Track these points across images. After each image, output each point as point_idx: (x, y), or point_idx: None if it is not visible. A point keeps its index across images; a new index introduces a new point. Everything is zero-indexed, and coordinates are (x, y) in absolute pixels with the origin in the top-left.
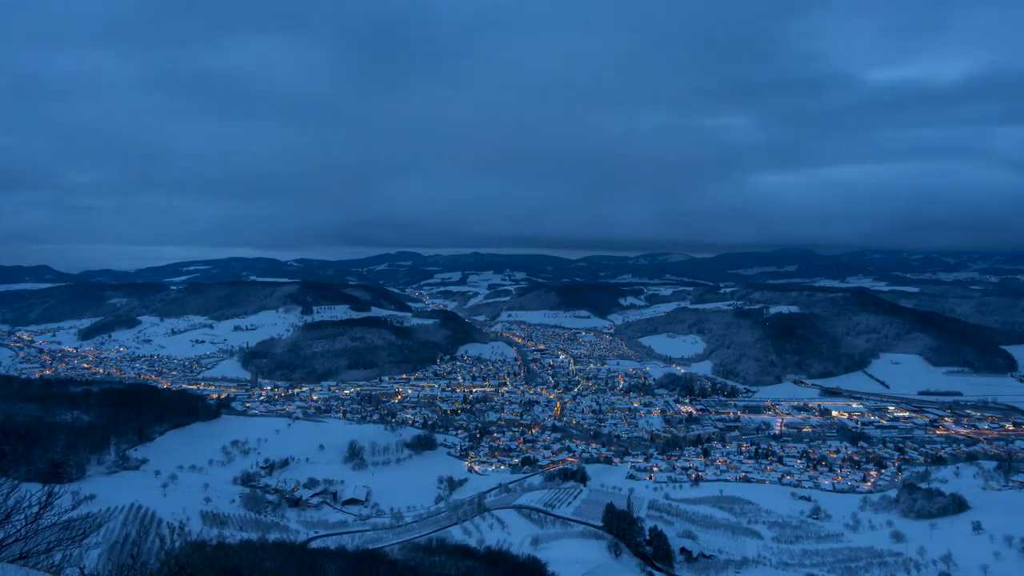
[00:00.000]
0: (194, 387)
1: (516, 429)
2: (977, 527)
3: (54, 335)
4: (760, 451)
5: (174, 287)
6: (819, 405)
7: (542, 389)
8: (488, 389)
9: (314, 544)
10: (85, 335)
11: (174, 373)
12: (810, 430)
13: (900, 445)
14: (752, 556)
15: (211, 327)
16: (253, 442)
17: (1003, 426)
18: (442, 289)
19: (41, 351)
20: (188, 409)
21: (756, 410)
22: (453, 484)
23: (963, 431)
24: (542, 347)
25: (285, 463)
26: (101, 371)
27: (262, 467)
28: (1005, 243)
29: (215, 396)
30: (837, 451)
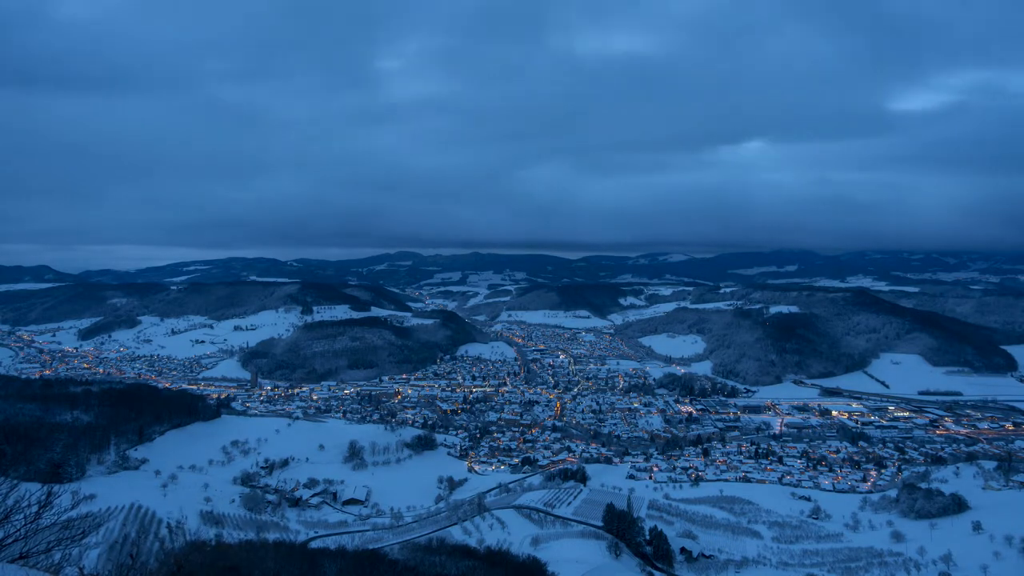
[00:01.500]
0: (194, 387)
1: (516, 429)
2: (977, 527)
3: (54, 335)
4: (760, 451)
5: (174, 287)
6: (819, 405)
7: (542, 389)
8: (488, 389)
9: (314, 544)
10: (85, 335)
11: (174, 373)
12: (810, 430)
13: (900, 445)
14: (752, 556)
15: (211, 327)
16: (253, 442)
17: (1003, 426)
18: (442, 289)
19: (41, 351)
20: (188, 409)
21: (756, 410)
22: (453, 484)
23: (963, 431)
24: (542, 347)
25: (285, 463)
26: (101, 371)
27: (262, 467)
28: (1005, 243)
29: (215, 396)
30: (837, 451)
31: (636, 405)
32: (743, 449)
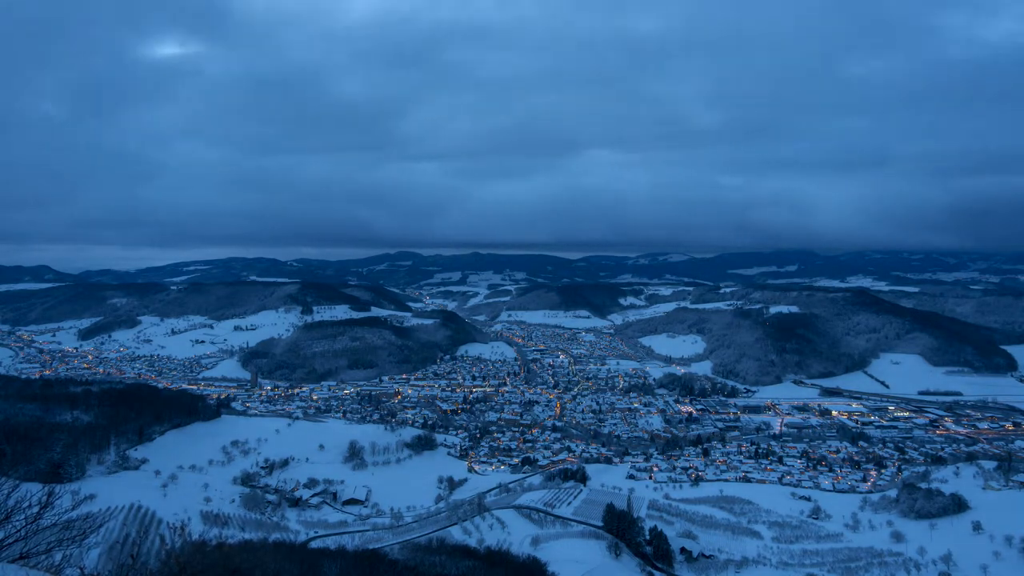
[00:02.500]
0: (194, 387)
1: (516, 429)
2: (977, 527)
3: (54, 335)
4: (760, 451)
5: (174, 287)
6: (819, 405)
7: (542, 389)
8: (488, 389)
9: (314, 544)
10: (85, 335)
11: (174, 373)
12: (810, 430)
13: (900, 445)
14: (752, 556)
15: (211, 327)
16: (253, 442)
17: (1003, 426)
18: (442, 289)
19: (41, 351)
20: (188, 409)
21: (756, 410)
22: (453, 484)
23: (963, 431)
24: (542, 347)
25: (285, 463)
26: (101, 371)
27: (262, 467)
28: (1005, 243)
29: (215, 396)
30: (837, 451)
31: (636, 405)
32: (743, 449)
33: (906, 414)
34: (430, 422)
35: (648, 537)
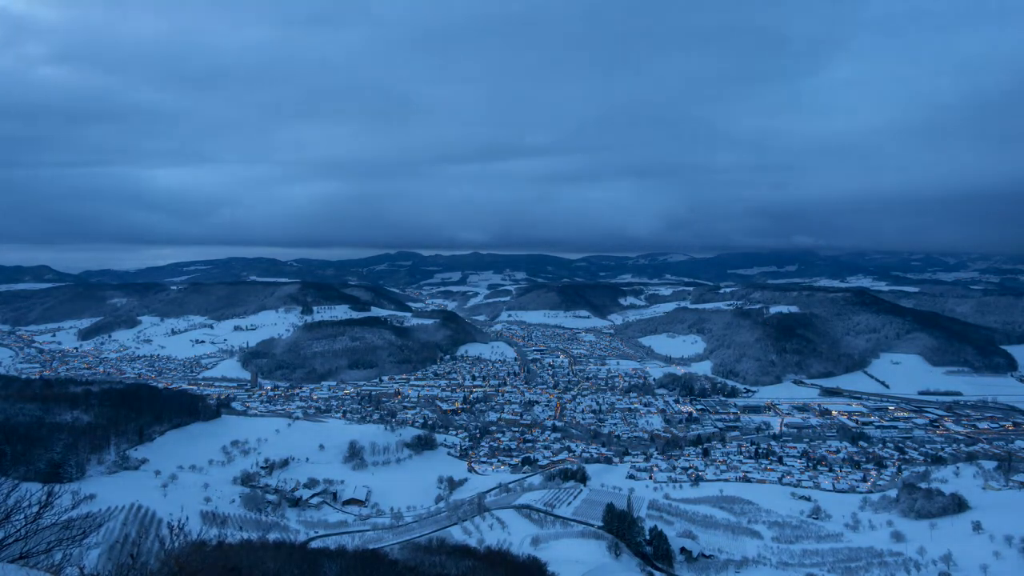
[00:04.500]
0: (194, 387)
1: (516, 429)
2: (977, 527)
3: (54, 335)
4: (760, 451)
5: (174, 287)
6: (819, 405)
7: (542, 389)
8: (488, 389)
9: (314, 544)
10: (85, 335)
11: (174, 373)
12: (810, 430)
13: (900, 445)
14: (752, 556)
15: (211, 327)
16: (253, 442)
17: (1003, 426)
18: (442, 289)
19: (41, 351)
20: (188, 409)
21: (756, 410)
22: (453, 484)
23: (963, 431)
24: (542, 347)
25: (285, 463)
26: (101, 371)
27: (262, 467)
28: (1005, 243)
29: (215, 396)
30: (837, 451)
31: (636, 405)
32: (743, 449)
33: (906, 414)
34: (430, 422)
35: (648, 537)
